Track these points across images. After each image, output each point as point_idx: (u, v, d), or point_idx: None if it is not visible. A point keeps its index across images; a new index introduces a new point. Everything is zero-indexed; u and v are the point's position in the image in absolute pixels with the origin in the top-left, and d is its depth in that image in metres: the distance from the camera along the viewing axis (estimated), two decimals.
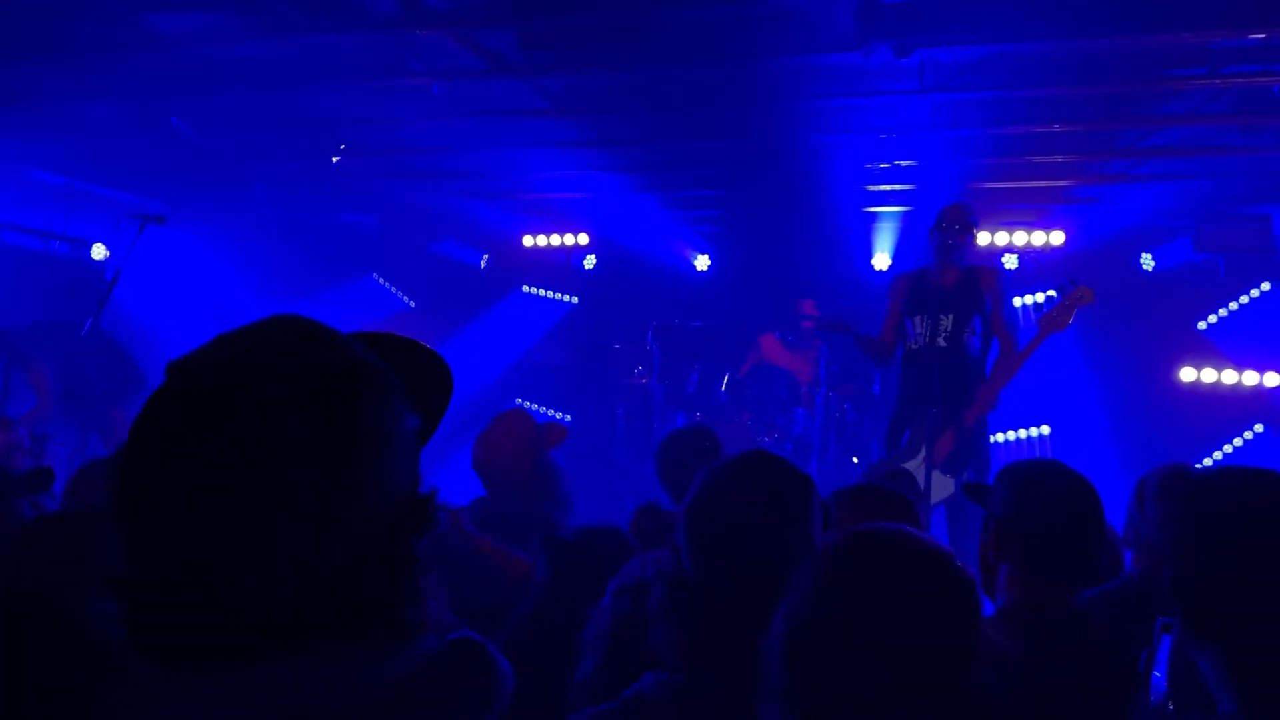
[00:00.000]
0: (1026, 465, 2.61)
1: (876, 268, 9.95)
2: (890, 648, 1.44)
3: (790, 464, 2.07)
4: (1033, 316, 5.70)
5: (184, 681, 0.97)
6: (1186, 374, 9.04)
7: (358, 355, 1.08)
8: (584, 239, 10.79)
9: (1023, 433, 9.63)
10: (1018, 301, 9.66)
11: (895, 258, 9.89)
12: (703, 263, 10.75)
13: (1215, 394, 8.95)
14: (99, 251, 9.18)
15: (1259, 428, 8.98)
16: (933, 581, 1.51)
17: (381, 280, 11.75)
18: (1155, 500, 3.01)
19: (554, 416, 10.42)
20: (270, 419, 0.99)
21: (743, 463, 2.05)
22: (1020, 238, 9.45)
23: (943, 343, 5.57)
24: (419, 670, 1.07)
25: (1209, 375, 9.00)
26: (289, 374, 1.02)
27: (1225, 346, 9.12)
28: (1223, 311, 9.27)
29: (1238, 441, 9.02)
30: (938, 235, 5.74)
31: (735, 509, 1.94)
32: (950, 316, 5.62)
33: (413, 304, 11.82)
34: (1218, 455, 8.92)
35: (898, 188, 9.00)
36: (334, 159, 8.34)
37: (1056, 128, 7.25)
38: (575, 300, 11.54)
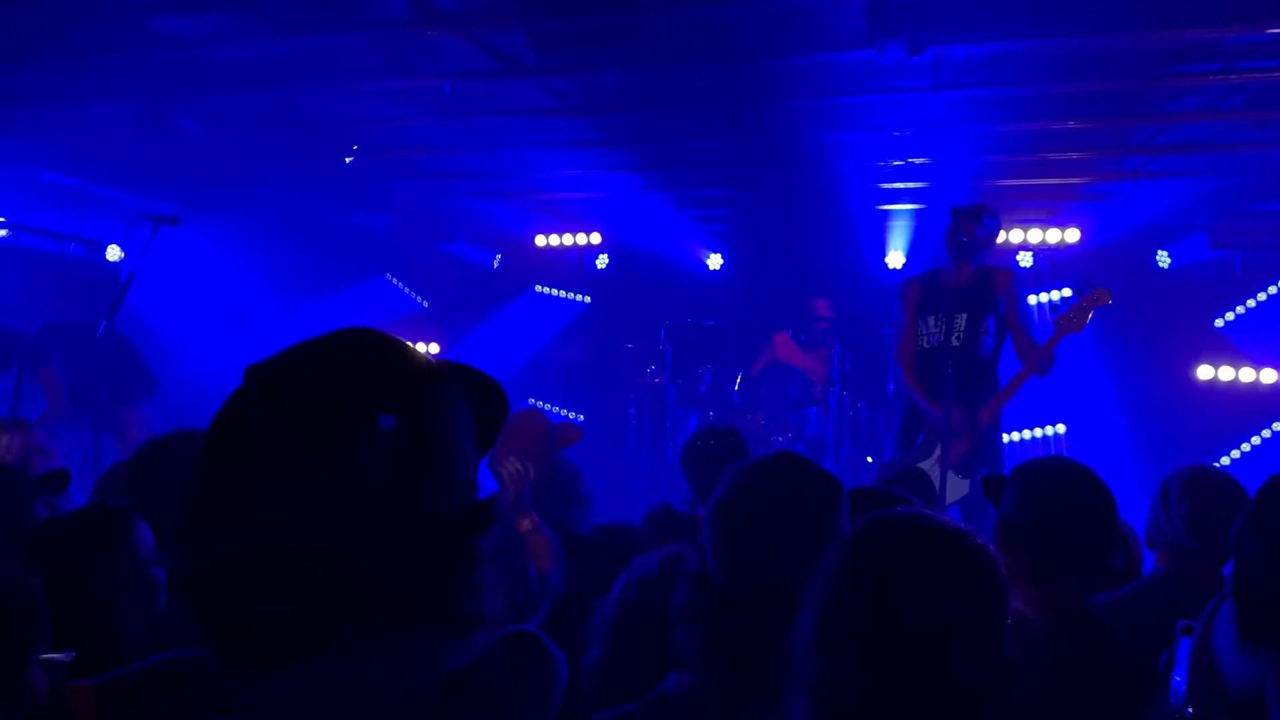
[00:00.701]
0: (1037, 465, 2.57)
1: (890, 266, 9.92)
2: (916, 629, 1.45)
3: (817, 466, 2.05)
4: (1048, 316, 5.64)
5: (253, 676, 1.00)
6: (1203, 372, 8.98)
7: (429, 363, 1.14)
8: (596, 239, 10.79)
9: (1038, 431, 9.58)
10: (1033, 299, 9.62)
11: (909, 255, 9.85)
12: (715, 262, 10.73)
13: (1232, 392, 8.89)
14: (114, 253, 9.21)
15: (1277, 425, 8.91)
16: (955, 559, 1.51)
17: (394, 280, 11.77)
18: (1179, 501, 2.97)
19: (566, 415, 10.42)
20: (348, 418, 1.03)
21: (770, 464, 2.04)
22: (1035, 235, 9.41)
23: (956, 342, 5.53)
24: (479, 662, 1.11)
25: (1226, 373, 8.94)
26: (366, 375, 1.08)
27: (1242, 344, 9.06)
28: (1240, 309, 9.21)
29: (1255, 440, 8.94)
30: (955, 234, 5.70)
31: (761, 511, 1.93)
32: (964, 316, 5.58)
33: (426, 304, 11.83)
34: (1235, 454, 8.86)
35: (911, 185, 8.96)
36: (347, 160, 8.35)
37: (1071, 124, 7.21)
38: (588, 300, 11.53)
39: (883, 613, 1.47)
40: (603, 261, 11.06)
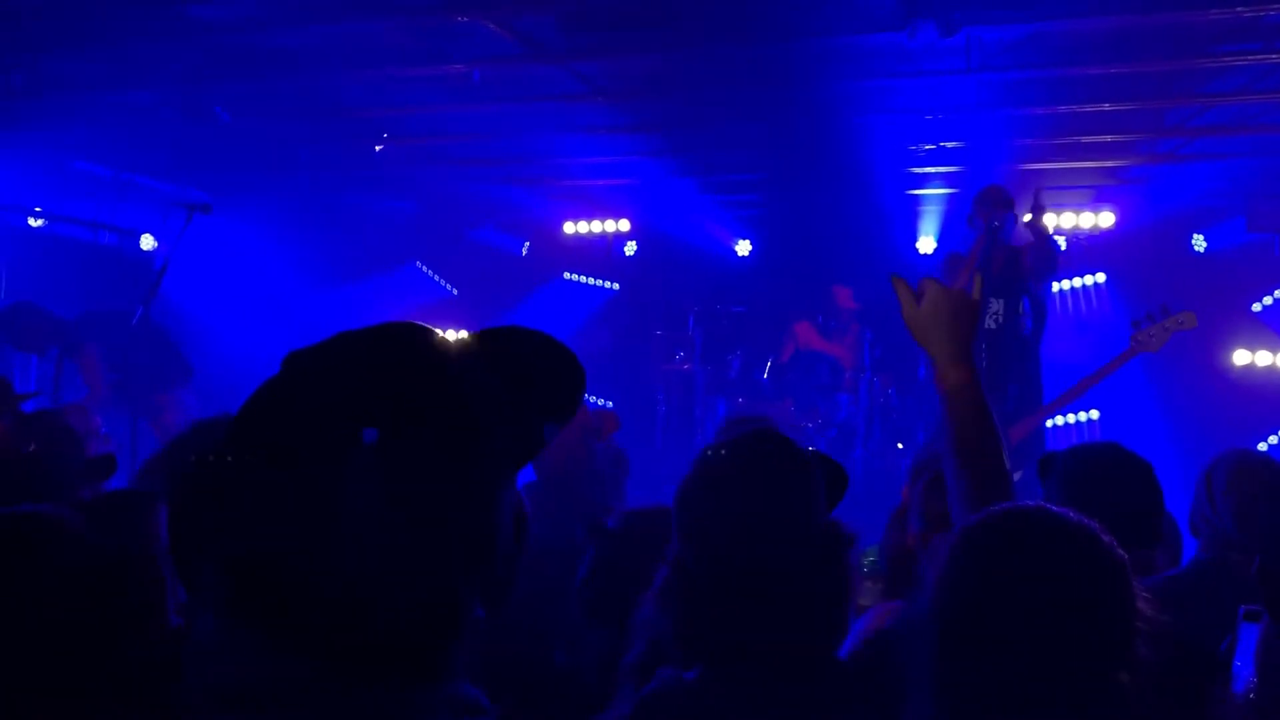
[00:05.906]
0: (1086, 451, 2.52)
1: (921, 251, 9.84)
2: (1046, 633, 1.40)
3: (792, 444, 1.92)
4: (1128, 331, 5.63)
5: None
6: (1240, 357, 8.88)
7: (476, 388, 1.01)
8: (625, 225, 10.77)
9: (1071, 417, 9.49)
10: (1066, 285, 9.57)
11: (940, 241, 9.78)
12: (744, 248, 10.70)
13: (1270, 377, 8.78)
14: (147, 242, 9.29)
15: None
16: (1084, 561, 1.46)
17: (423, 268, 11.81)
18: (1226, 490, 2.88)
19: (595, 402, 10.43)
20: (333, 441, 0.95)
21: (741, 445, 1.93)
22: (1069, 219, 9.31)
23: (992, 324, 5.53)
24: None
25: (1264, 358, 8.84)
26: (404, 402, 0.97)
27: None
28: (1278, 293, 9.08)
29: None
30: (980, 222, 5.70)
31: (730, 494, 1.83)
32: (1001, 301, 5.58)
33: (455, 291, 11.87)
34: (1273, 440, 8.74)
35: (943, 169, 8.88)
36: (377, 147, 8.37)
37: (1105, 107, 7.12)
38: (616, 286, 11.54)
39: (1011, 613, 1.42)
40: (631, 248, 11.04)
